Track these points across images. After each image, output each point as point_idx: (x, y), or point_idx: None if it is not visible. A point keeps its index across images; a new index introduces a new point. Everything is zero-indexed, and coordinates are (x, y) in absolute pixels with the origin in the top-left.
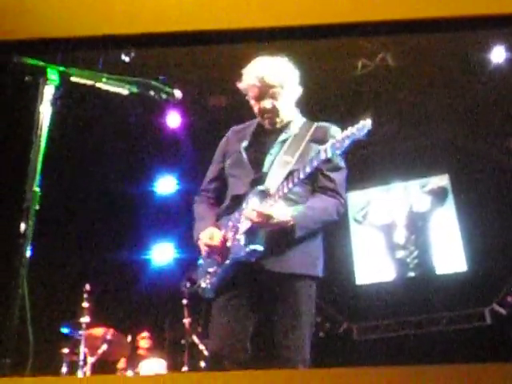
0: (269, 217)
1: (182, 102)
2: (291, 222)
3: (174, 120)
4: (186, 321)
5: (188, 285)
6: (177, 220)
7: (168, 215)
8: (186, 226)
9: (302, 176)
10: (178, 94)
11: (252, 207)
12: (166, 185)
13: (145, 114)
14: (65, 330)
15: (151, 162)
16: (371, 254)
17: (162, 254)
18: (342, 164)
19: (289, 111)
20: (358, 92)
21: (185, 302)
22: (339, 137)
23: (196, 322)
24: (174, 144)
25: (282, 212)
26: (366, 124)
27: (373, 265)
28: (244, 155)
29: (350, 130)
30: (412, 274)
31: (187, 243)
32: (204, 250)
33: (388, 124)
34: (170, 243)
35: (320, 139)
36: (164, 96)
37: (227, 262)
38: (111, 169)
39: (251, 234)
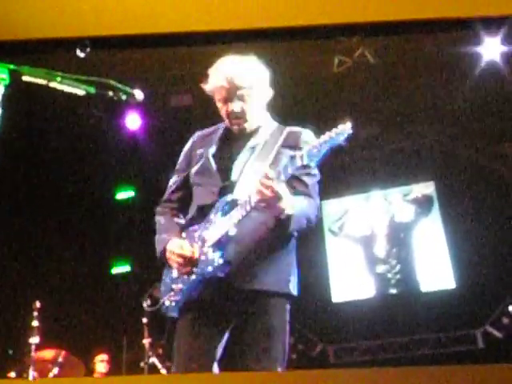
0: (279, 197)
1: (142, 102)
2: (289, 212)
3: (133, 122)
4: (146, 341)
5: (149, 302)
6: (136, 231)
7: (126, 226)
8: (146, 237)
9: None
10: (138, 94)
11: (263, 181)
12: (124, 192)
13: (101, 115)
14: (12, 352)
15: (108, 167)
16: (348, 269)
17: (120, 267)
18: (316, 171)
19: (259, 115)
20: (334, 92)
21: (145, 320)
22: (316, 142)
23: (157, 343)
24: (134, 148)
25: (289, 198)
26: (345, 128)
27: (350, 281)
28: (211, 162)
29: (328, 135)
30: (394, 291)
31: (147, 256)
32: (176, 261)
33: (368, 126)
34: (128, 256)
35: (292, 145)
36: (124, 97)
37: (193, 277)
38: (65, 175)
39: (220, 247)
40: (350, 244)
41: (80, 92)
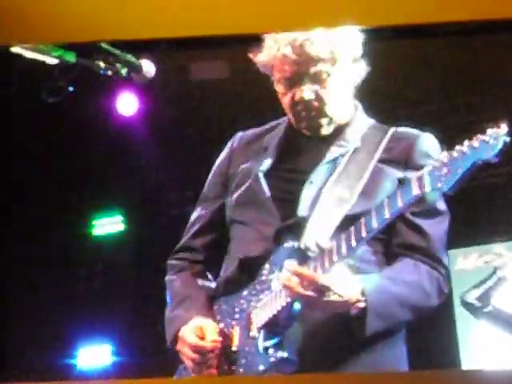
0: (324, 288)
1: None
2: (362, 304)
3: (126, 103)
4: None
5: None
6: (124, 293)
7: (108, 284)
8: (142, 306)
9: (374, 226)
10: (148, 67)
11: (290, 268)
12: (107, 222)
13: (79, 95)
14: None
15: (83, 179)
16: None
17: (94, 354)
18: (443, 207)
19: (344, 106)
20: (470, 63)
21: None
22: (446, 157)
23: None
24: (125, 147)
25: (347, 282)
26: (498, 133)
27: None
28: (263, 185)
29: (468, 146)
30: None
31: (144, 342)
32: (188, 357)
33: None
34: (106, 338)
35: (400, 158)
36: (124, 70)
37: None
38: (17, 195)
39: (277, 330)
40: (503, 329)
41: (51, 60)
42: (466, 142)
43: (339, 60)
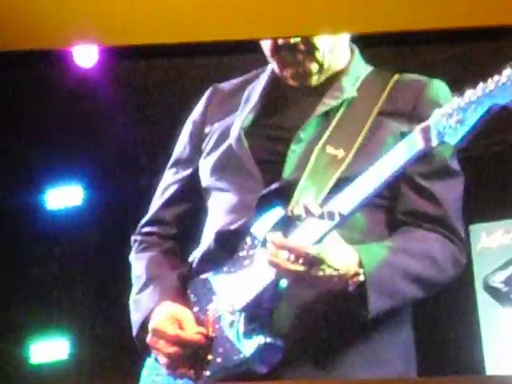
0: (316, 261)
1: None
2: (361, 277)
3: (85, 56)
4: None
5: None
6: (82, 275)
7: (65, 264)
8: (102, 289)
9: (371, 188)
10: None
11: (275, 241)
12: (63, 192)
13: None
14: None
15: (37, 143)
16: None
17: (50, 348)
18: (456, 166)
19: (338, 50)
20: None
21: None
22: (456, 103)
23: None
24: (85, 107)
25: (342, 253)
26: None
27: None
28: (245, 145)
29: (482, 89)
30: None
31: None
32: (164, 352)
33: None
34: (65, 328)
35: (405, 109)
36: None
37: (207, 373)
38: None
39: (259, 312)
40: None
41: None
42: (480, 85)
43: None
